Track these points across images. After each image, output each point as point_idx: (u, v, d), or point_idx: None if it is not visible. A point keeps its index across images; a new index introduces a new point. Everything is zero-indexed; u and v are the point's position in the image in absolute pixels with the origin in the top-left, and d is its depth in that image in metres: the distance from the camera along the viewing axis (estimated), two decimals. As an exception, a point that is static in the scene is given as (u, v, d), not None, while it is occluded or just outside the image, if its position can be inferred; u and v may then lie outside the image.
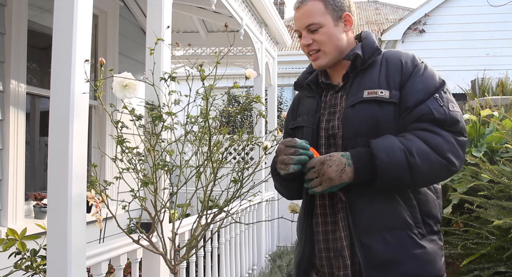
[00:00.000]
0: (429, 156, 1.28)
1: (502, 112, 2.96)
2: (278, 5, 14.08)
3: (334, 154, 1.33)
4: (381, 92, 1.36)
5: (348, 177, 1.30)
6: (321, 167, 1.32)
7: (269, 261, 4.53)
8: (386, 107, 1.35)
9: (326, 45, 1.45)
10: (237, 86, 1.79)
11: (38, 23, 3.47)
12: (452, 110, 1.34)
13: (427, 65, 1.43)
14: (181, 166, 1.85)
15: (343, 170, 1.30)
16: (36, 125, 3.61)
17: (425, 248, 1.32)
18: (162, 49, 2.00)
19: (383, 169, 1.28)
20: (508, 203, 2.11)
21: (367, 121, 1.35)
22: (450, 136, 1.31)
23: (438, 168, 1.30)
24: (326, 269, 1.43)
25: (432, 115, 1.32)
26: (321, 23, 1.43)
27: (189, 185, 1.88)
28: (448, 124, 1.32)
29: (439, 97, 1.35)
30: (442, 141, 1.30)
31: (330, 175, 1.30)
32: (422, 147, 1.29)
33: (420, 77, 1.38)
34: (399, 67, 1.40)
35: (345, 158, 1.31)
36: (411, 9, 12.00)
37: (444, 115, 1.32)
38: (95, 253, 1.68)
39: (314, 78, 1.56)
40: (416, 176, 1.29)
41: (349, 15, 1.47)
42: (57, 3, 1.53)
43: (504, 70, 8.23)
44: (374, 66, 1.43)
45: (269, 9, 4.30)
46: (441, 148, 1.29)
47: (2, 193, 2.97)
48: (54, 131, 1.51)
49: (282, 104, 9.77)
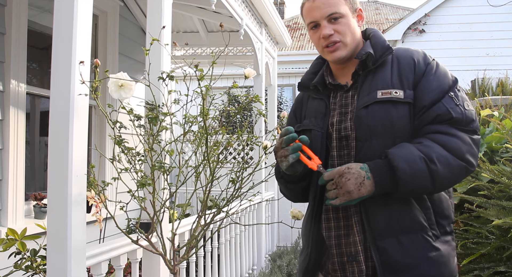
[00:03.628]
0: (449, 161, 1.25)
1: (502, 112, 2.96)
2: (278, 5, 14.08)
3: (353, 166, 1.27)
4: (395, 93, 1.33)
5: (367, 190, 1.25)
6: (339, 180, 1.26)
7: (269, 261, 4.53)
8: (400, 107, 1.32)
9: (347, 36, 1.40)
10: (237, 86, 1.79)
11: (38, 23, 3.47)
12: (467, 109, 1.31)
13: (438, 62, 1.40)
14: (180, 166, 1.85)
15: (361, 183, 1.25)
16: (36, 125, 3.61)
17: (440, 250, 1.30)
18: (161, 49, 2.00)
19: (405, 181, 1.24)
20: (508, 202, 2.11)
21: (382, 122, 1.32)
22: (466, 136, 1.28)
23: (458, 171, 1.27)
24: (339, 274, 1.38)
25: (449, 115, 1.29)
26: (343, 13, 1.40)
27: (189, 185, 1.88)
28: (464, 124, 1.29)
29: (454, 96, 1.32)
30: (460, 143, 1.27)
31: (348, 188, 1.25)
32: (442, 152, 1.25)
33: (434, 75, 1.35)
34: (411, 66, 1.37)
35: (364, 170, 1.26)
36: (411, 9, 11.99)
37: (461, 115, 1.29)
38: (95, 253, 1.68)
39: (320, 79, 1.50)
40: (438, 182, 1.26)
41: (361, 11, 1.46)
42: (57, 3, 1.53)
43: (504, 70, 8.23)
44: (385, 65, 1.40)
45: (269, 9, 4.30)
46: (460, 150, 1.26)
47: (2, 193, 2.97)
48: (54, 131, 1.51)
49: (282, 104, 9.76)
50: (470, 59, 8.45)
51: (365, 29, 1.53)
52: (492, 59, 8.53)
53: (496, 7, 8.28)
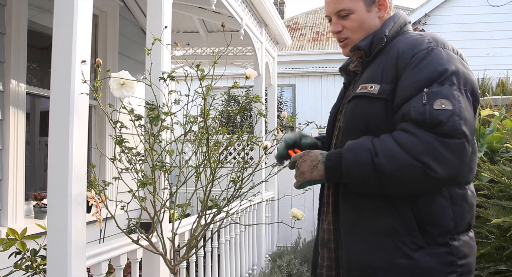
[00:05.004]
0: (397, 157, 1.16)
1: (503, 112, 2.97)
2: (278, 5, 14.07)
3: (315, 151, 1.32)
4: (370, 88, 1.27)
5: (319, 175, 1.27)
6: (299, 161, 1.32)
7: (269, 261, 4.53)
8: (375, 103, 1.26)
9: (356, 33, 1.37)
10: (237, 85, 1.79)
11: (38, 23, 3.47)
12: (436, 109, 1.15)
13: (433, 50, 1.25)
14: (181, 166, 1.85)
15: (315, 167, 1.28)
16: (36, 125, 3.61)
17: (415, 260, 1.19)
18: (161, 49, 2.00)
19: (347, 169, 1.23)
20: (508, 202, 2.11)
21: (357, 117, 1.30)
22: (432, 138, 1.14)
23: (410, 171, 1.15)
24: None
25: (409, 114, 1.18)
26: (352, 8, 1.35)
27: (189, 185, 1.88)
28: (429, 125, 1.15)
29: (427, 92, 1.18)
30: (416, 142, 1.15)
31: (302, 169, 1.30)
32: (392, 148, 1.17)
33: (415, 68, 1.22)
34: (394, 59, 1.27)
35: (322, 156, 1.29)
36: (411, 9, 11.99)
37: (422, 116, 1.16)
38: (95, 253, 1.68)
39: (345, 64, 1.51)
40: (384, 179, 1.18)
41: (384, 0, 1.37)
42: (57, 3, 1.53)
43: (504, 70, 8.23)
44: (380, 56, 1.33)
45: (269, 9, 4.30)
46: (413, 149, 1.15)
47: (2, 193, 2.97)
48: (54, 131, 1.51)
49: (282, 104, 9.76)
50: (470, 59, 8.39)
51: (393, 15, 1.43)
52: (492, 59, 8.53)
53: (496, 7, 8.28)
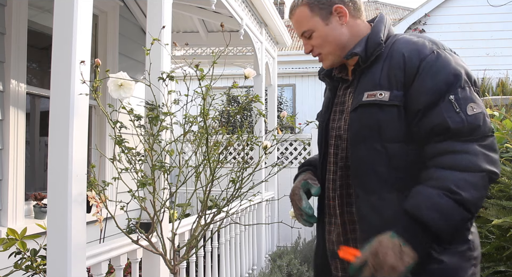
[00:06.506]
0: (469, 181, 1.12)
1: (503, 112, 2.97)
2: (278, 5, 14.07)
3: (382, 239, 1.14)
4: (380, 95, 1.24)
5: (411, 256, 1.11)
6: (376, 259, 1.13)
7: (269, 261, 4.53)
8: (388, 110, 1.23)
9: (324, 48, 1.38)
10: (237, 85, 1.79)
11: (38, 23, 3.47)
12: (471, 114, 1.16)
13: (440, 54, 1.23)
14: (180, 166, 1.85)
15: (401, 252, 1.11)
16: (36, 125, 3.61)
17: (445, 263, 1.18)
18: (161, 49, 2.00)
19: (439, 227, 1.12)
20: (508, 202, 2.11)
21: (369, 126, 1.26)
22: (475, 146, 1.14)
23: (482, 184, 1.14)
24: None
25: (446, 125, 1.16)
26: (311, 28, 1.37)
27: (189, 185, 1.88)
28: (468, 133, 1.15)
29: (454, 99, 1.17)
30: (470, 157, 1.13)
31: (391, 263, 1.11)
32: (457, 176, 1.13)
33: (429, 72, 1.20)
34: (401, 63, 1.24)
35: (395, 238, 1.13)
36: (411, 9, 11.99)
37: (461, 124, 1.15)
38: (95, 253, 1.68)
39: (328, 70, 1.49)
40: (472, 206, 1.13)
41: (340, 7, 1.35)
42: (57, 3, 1.53)
43: (504, 70, 8.24)
44: (378, 62, 1.30)
45: (269, 9, 4.30)
46: (474, 165, 1.13)
47: (2, 193, 2.97)
48: (54, 131, 1.51)
49: (282, 104, 9.75)
50: (470, 59, 8.43)
51: (377, 15, 1.45)
52: (492, 59, 8.53)
53: (496, 7, 8.28)
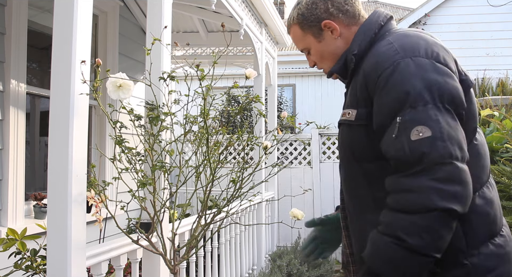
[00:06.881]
0: (419, 224, 1.01)
1: (503, 112, 2.97)
2: (278, 5, 14.07)
3: None
4: (348, 114, 1.21)
5: None
6: None
7: (269, 261, 4.53)
8: (356, 129, 1.19)
9: (323, 63, 1.38)
10: (237, 85, 1.79)
11: (38, 23, 3.47)
12: (414, 140, 1.03)
13: (399, 66, 1.09)
14: (181, 166, 1.85)
15: None
16: (36, 125, 3.61)
17: None
18: (161, 49, 2.00)
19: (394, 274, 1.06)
20: (508, 202, 2.11)
21: (345, 146, 1.26)
22: (424, 181, 1.01)
23: (437, 225, 1.01)
24: None
25: (390, 152, 1.08)
26: (306, 46, 1.38)
27: (189, 185, 1.88)
28: (414, 163, 1.02)
29: (400, 121, 1.06)
30: (417, 196, 1.01)
31: None
32: (406, 220, 1.03)
33: (382, 91, 1.11)
34: (362, 80, 1.18)
35: None
36: (411, 9, 11.99)
37: (402, 151, 1.04)
38: (95, 253, 1.68)
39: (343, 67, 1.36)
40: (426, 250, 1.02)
41: (329, 22, 1.30)
42: (57, 3, 1.53)
43: (504, 70, 8.24)
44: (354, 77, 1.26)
45: (269, 9, 4.31)
46: (422, 206, 1.01)
47: (2, 193, 2.97)
48: (54, 131, 1.51)
49: (282, 104, 9.75)
50: (470, 59, 8.44)
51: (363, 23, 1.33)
52: (492, 59, 8.54)
53: (496, 7, 8.28)
